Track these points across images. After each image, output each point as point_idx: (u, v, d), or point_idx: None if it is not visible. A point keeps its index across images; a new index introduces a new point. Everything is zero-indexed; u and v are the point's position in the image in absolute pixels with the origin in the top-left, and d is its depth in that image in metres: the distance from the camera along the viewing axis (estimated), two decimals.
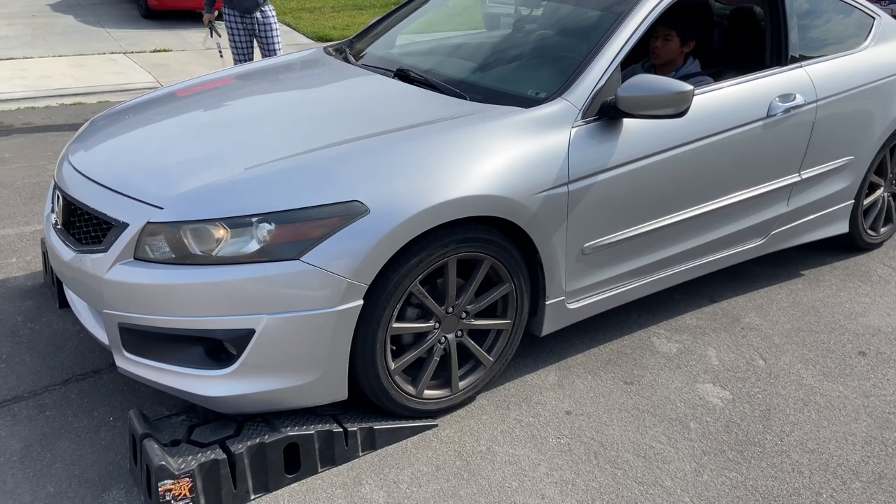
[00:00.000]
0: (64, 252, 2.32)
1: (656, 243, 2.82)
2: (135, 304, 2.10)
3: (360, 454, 2.30)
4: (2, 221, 3.92)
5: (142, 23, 9.92)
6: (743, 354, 2.93)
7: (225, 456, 2.06)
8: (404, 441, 2.37)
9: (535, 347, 2.92)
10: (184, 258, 2.06)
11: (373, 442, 2.33)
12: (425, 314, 2.35)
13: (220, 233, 2.05)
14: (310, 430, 2.20)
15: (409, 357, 2.33)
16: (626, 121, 2.57)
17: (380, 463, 2.27)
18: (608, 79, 2.55)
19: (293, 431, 2.17)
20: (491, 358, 2.52)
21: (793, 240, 3.41)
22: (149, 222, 2.09)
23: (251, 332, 2.05)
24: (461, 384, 2.48)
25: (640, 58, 3.29)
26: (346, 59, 3.26)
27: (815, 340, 3.04)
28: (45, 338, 2.87)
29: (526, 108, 2.48)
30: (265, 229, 2.04)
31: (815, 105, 3.13)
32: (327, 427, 2.24)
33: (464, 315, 2.40)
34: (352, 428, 2.28)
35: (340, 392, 2.22)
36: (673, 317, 3.19)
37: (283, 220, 2.05)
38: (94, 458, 2.25)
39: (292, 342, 2.08)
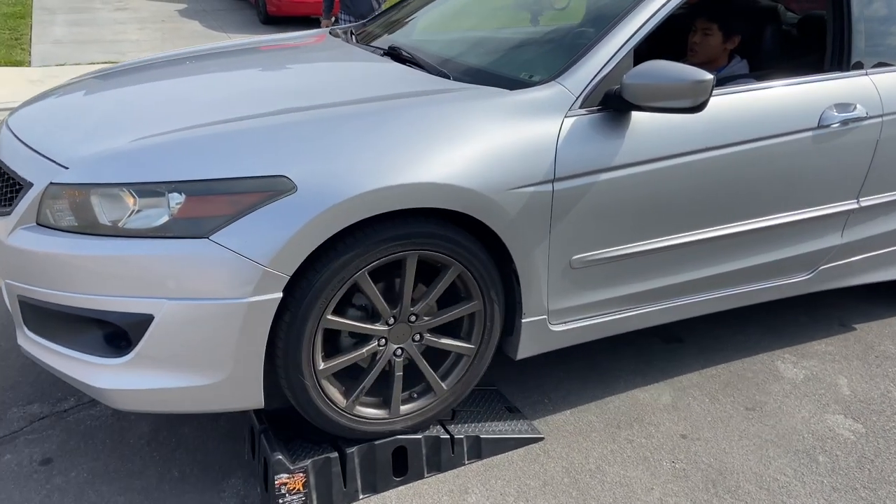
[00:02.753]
0: None
1: (667, 265, 2.42)
2: (32, 274, 1.92)
3: (466, 462, 2.29)
4: None
5: (261, 28, 10.39)
6: (878, 385, 2.70)
7: (337, 454, 2.10)
8: (511, 452, 2.34)
9: (647, 365, 2.81)
10: (87, 227, 1.86)
11: (479, 451, 2.31)
12: (372, 314, 2.09)
13: (129, 201, 1.84)
14: (418, 435, 2.21)
15: (343, 360, 2.04)
16: (635, 115, 2.22)
17: (486, 473, 2.25)
18: (616, 66, 2.19)
19: (402, 435, 2.19)
20: (444, 386, 2.19)
21: (849, 278, 2.89)
22: (51, 183, 1.90)
23: (149, 319, 1.81)
24: (403, 408, 2.16)
25: (678, 56, 2.88)
26: (346, 40, 3.03)
27: None
28: None
29: (512, 90, 2.19)
30: (174, 200, 1.82)
31: (880, 120, 2.62)
32: (435, 433, 2.24)
33: (413, 320, 2.09)
34: (458, 435, 2.27)
35: (254, 398, 1.94)
36: (800, 341, 2.99)
37: (193, 190, 1.81)
38: (214, 446, 2.35)
39: (195, 334, 1.83)
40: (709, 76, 2.10)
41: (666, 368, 2.80)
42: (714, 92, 2.23)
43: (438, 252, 2.04)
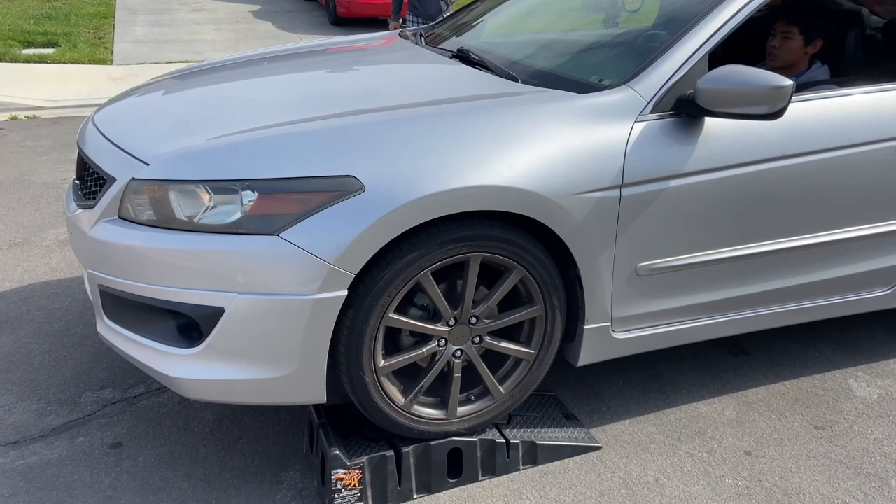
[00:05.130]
0: (70, 207, 2.26)
1: (737, 275, 2.35)
2: (112, 265, 2.00)
3: (521, 468, 2.28)
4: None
5: (330, 29, 10.60)
6: None
7: (392, 453, 2.12)
8: (567, 460, 2.31)
9: (711, 377, 2.74)
10: (165, 221, 1.93)
11: (534, 457, 2.29)
12: (433, 315, 2.09)
13: (204, 197, 1.90)
14: (473, 438, 2.21)
15: (403, 359, 2.06)
16: (708, 121, 2.16)
17: (541, 479, 2.23)
18: (690, 70, 2.14)
19: (458, 437, 2.19)
20: (502, 389, 2.19)
21: None
22: (133, 178, 1.97)
23: (220, 312, 1.87)
24: (460, 410, 2.15)
25: (755, 61, 2.80)
26: (415, 42, 3.03)
27: None
28: None
29: (581, 94, 2.16)
30: (247, 198, 1.87)
31: None
32: (490, 437, 2.24)
33: (474, 322, 2.09)
34: (514, 440, 2.26)
35: (317, 393, 1.98)
36: (875, 359, 2.85)
37: (265, 188, 1.86)
38: (275, 438, 2.41)
39: (263, 329, 1.87)
40: (788, 82, 2.03)
41: (731, 382, 2.72)
42: (794, 98, 2.15)
43: (501, 255, 2.04)
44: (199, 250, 1.89)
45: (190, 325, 1.96)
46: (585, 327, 2.21)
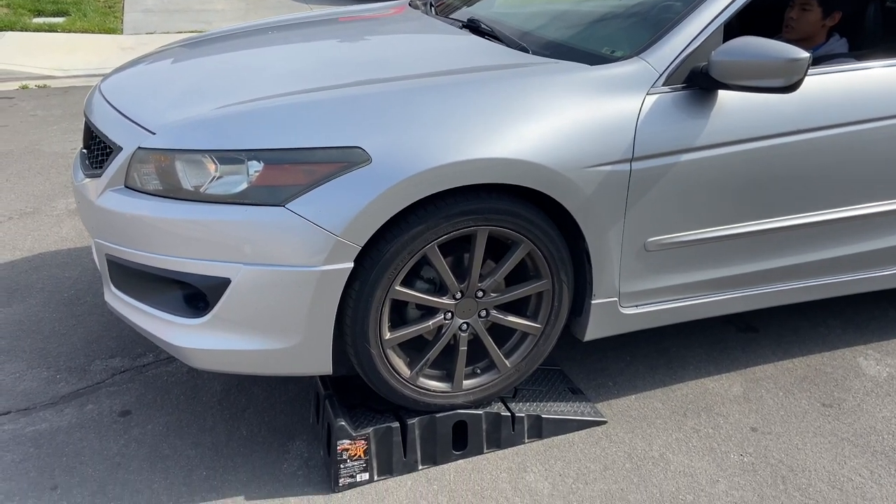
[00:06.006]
0: (77, 176, 2.26)
1: (748, 252, 2.32)
2: (119, 234, 2.00)
3: (526, 441, 2.28)
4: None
5: (342, 0, 10.48)
6: None
7: (398, 424, 2.13)
8: (572, 434, 2.31)
9: (719, 354, 2.73)
10: (171, 191, 1.93)
11: (539, 430, 2.29)
12: (439, 288, 2.09)
13: (210, 167, 1.89)
14: (479, 411, 2.21)
15: (409, 331, 2.06)
16: (721, 94, 2.12)
17: (545, 453, 2.24)
18: (704, 42, 2.10)
19: (464, 409, 2.19)
20: (508, 363, 2.19)
21: None
22: (139, 147, 1.97)
23: (227, 282, 1.87)
24: (466, 383, 2.16)
25: (772, 33, 2.70)
26: (425, 12, 2.99)
27: None
28: None
29: (593, 65, 2.13)
30: (253, 168, 1.86)
31: None
32: (495, 410, 2.24)
33: (480, 295, 2.09)
34: (519, 414, 2.26)
35: (323, 364, 1.98)
36: (885, 337, 2.83)
37: (271, 159, 1.85)
38: (282, 409, 2.42)
39: (269, 300, 1.87)
40: (805, 54, 1.99)
41: (739, 358, 2.70)
42: (809, 71, 2.10)
43: (509, 228, 2.03)
44: (205, 220, 1.88)
45: (196, 296, 1.96)
46: (593, 302, 2.20)
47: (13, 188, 4.12)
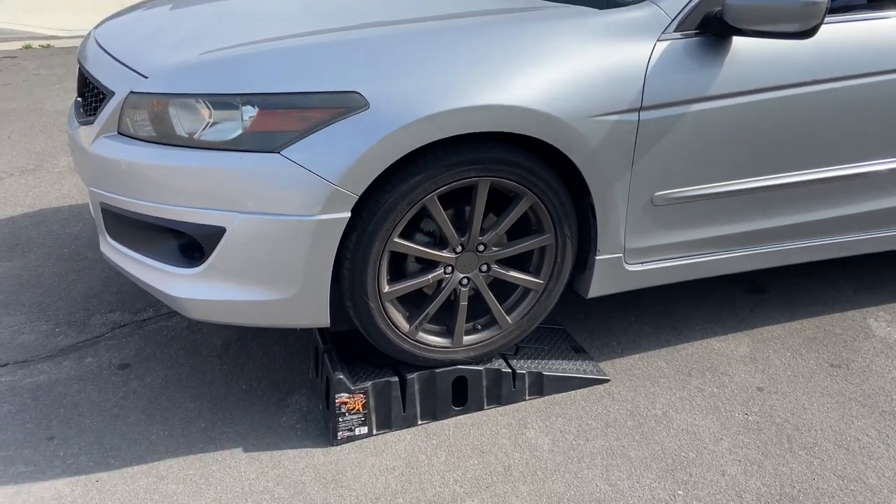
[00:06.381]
0: (71, 124, 2.23)
1: (759, 208, 2.26)
2: (112, 182, 1.96)
3: (527, 398, 2.25)
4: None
5: None
6: None
7: (397, 379, 2.10)
8: (573, 392, 2.28)
9: (726, 314, 2.68)
10: (165, 138, 1.88)
11: (540, 388, 2.27)
12: (440, 241, 2.04)
13: (204, 112, 1.84)
14: (479, 367, 2.18)
15: (408, 285, 2.01)
16: (735, 41, 2.05)
17: (546, 410, 2.21)
18: None
19: (464, 365, 2.16)
20: (509, 319, 2.15)
21: None
22: (132, 92, 1.92)
23: (222, 231, 1.83)
24: (466, 339, 2.12)
25: None
26: None
27: None
28: None
29: (602, 9, 2.04)
30: (247, 113, 1.81)
31: None
32: (496, 366, 2.21)
33: (482, 249, 2.04)
34: (520, 370, 2.23)
35: (320, 316, 1.94)
36: None
37: (265, 104, 1.80)
38: (281, 363, 2.40)
39: (265, 250, 1.84)
40: None
41: (747, 319, 2.66)
42: (826, 19, 2.01)
43: (511, 180, 1.97)
44: (199, 168, 1.84)
45: (192, 245, 1.93)
46: (597, 258, 2.15)
47: (15, 145, 4.08)
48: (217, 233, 1.85)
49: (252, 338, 2.52)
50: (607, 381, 2.33)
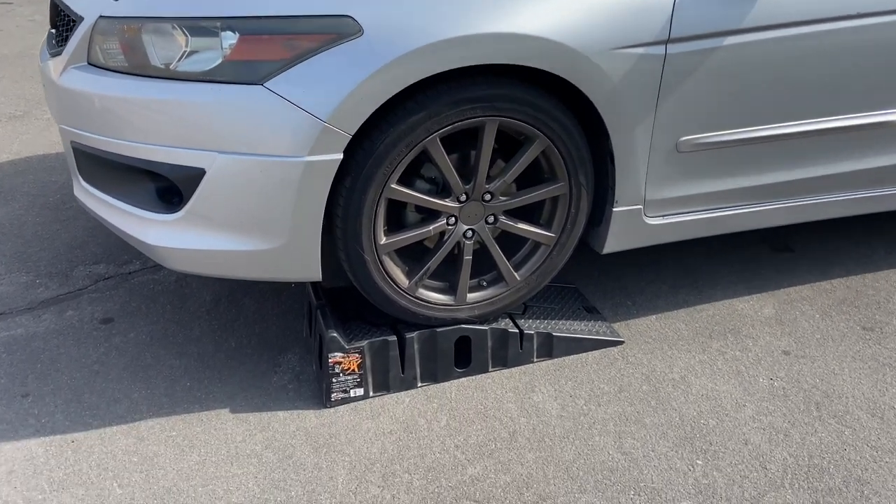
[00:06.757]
0: (42, 57, 2.06)
1: (794, 156, 2.07)
2: (83, 119, 1.80)
3: (535, 360, 2.10)
4: None
5: None
6: None
7: (395, 338, 1.96)
8: (585, 354, 2.13)
9: (751, 274, 2.50)
10: (138, 68, 1.70)
11: (550, 349, 2.11)
12: (442, 189, 1.88)
13: (181, 40, 1.67)
14: (484, 327, 2.03)
15: (407, 236, 1.85)
16: None
17: (556, 373, 2.06)
18: None
19: (467, 325, 2.01)
20: (517, 276, 1.99)
21: None
22: (101, 16, 1.74)
23: (201, 173, 1.66)
24: (470, 296, 1.96)
25: None
26: None
27: None
28: None
29: None
30: (227, 41, 1.63)
31: None
32: (502, 326, 2.06)
33: (488, 199, 1.87)
34: (528, 331, 2.07)
35: (310, 270, 1.78)
36: None
37: (247, 29, 1.61)
38: (273, 320, 2.26)
39: (248, 194, 1.67)
40: None
41: (772, 279, 2.48)
42: None
43: (522, 121, 1.79)
44: (175, 102, 1.66)
45: (170, 189, 1.76)
46: (614, 210, 1.98)
47: (4, 92, 3.91)
48: (196, 175, 1.68)
49: (244, 292, 2.37)
50: (621, 342, 2.17)
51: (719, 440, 1.84)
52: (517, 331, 2.06)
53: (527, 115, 1.78)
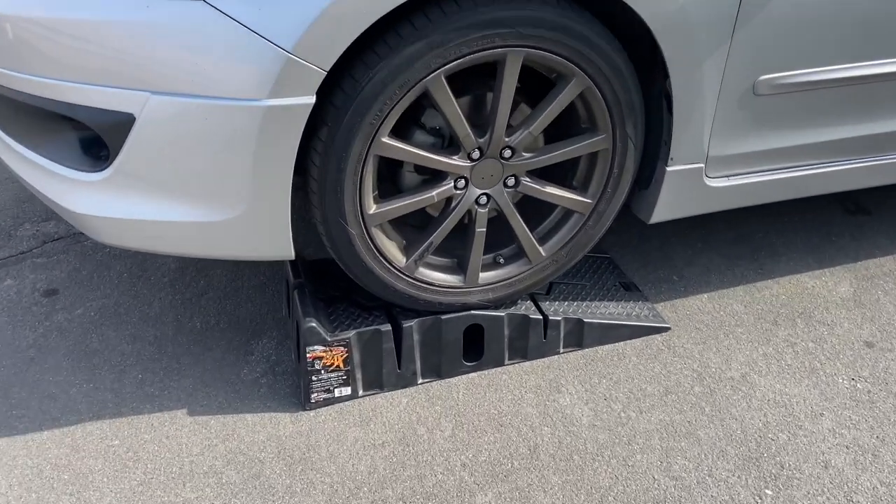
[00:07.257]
0: None
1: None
2: None
3: (561, 351, 1.74)
4: None
5: None
6: None
7: (390, 327, 1.58)
8: (622, 344, 1.76)
9: (821, 241, 2.10)
10: None
11: (580, 338, 1.74)
12: (449, 143, 1.50)
13: None
14: (500, 312, 1.65)
15: (404, 204, 1.47)
16: None
17: (587, 368, 1.69)
18: None
19: (479, 310, 1.63)
20: (542, 251, 1.61)
21: None
22: None
23: (130, 120, 1.29)
24: (483, 276, 1.60)
25: None
26: None
27: None
28: None
29: None
30: None
31: None
32: (522, 311, 1.68)
33: (508, 155, 1.47)
34: (554, 317, 1.70)
35: (278, 245, 1.41)
36: None
37: None
38: (248, 294, 1.90)
39: (192, 148, 1.29)
40: None
41: (847, 248, 2.08)
42: None
43: (555, 53, 1.37)
44: (96, 23, 1.26)
45: (95, 141, 1.36)
46: (668, 169, 1.58)
47: None
48: (123, 122, 1.28)
49: (215, 261, 2.00)
50: (667, 329, 1.80)
51: (793, 462, 1.47)
52: (540, 316, 1.69)
53: (561, 46, 1.36)
